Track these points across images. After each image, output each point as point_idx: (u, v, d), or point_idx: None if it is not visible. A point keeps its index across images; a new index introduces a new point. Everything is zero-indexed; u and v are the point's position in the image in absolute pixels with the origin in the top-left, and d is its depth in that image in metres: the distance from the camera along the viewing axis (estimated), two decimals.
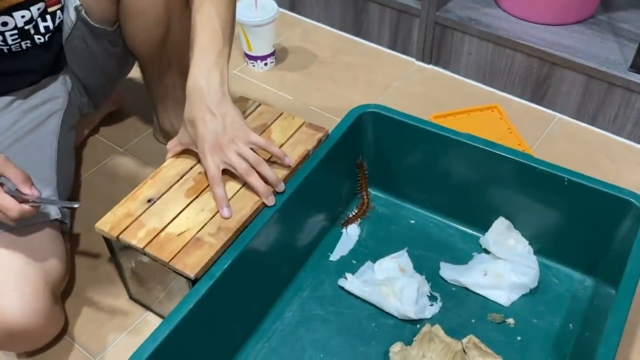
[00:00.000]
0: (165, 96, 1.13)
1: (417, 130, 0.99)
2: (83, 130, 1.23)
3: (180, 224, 0.84)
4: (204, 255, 0.80)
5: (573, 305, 0.93)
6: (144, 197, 0.88)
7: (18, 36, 0.90)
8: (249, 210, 0.86)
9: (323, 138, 0.98)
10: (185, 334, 0.76)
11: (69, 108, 1.01)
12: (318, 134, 0.98)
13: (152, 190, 0.88)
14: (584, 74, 1.22)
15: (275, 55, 1.45)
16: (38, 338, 0.86)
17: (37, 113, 0.96)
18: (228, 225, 0.84)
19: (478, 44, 1.33)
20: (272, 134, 0.98)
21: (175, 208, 0.86)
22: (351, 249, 1.02)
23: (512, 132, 1.24)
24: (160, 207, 0.86)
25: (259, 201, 0.87)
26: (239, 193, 0.88)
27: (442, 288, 0.96)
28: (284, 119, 1.00)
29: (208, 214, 0.85)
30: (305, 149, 0.95)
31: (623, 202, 0.87)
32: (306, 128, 0.99)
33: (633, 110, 1.20)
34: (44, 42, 0.93)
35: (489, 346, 0.85)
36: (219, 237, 0.82)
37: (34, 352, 0.90)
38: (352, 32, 1.53)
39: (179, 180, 0.90)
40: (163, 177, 0.90)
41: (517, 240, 0.98)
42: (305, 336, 0.90)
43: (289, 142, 0.97)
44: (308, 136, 0.98)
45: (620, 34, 1.27)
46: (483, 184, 0.98)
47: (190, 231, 0.83)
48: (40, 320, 0.81)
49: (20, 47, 0.91)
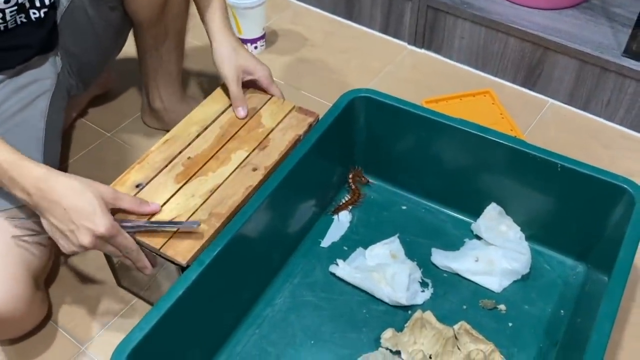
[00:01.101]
0: (159, 68, 1.12)
1: (409, 115, 0.98)
2: (71, 113, 1.21)
3: (171, 210, 0.83)
4: (196, 242, 0.79)
5: (565, 292, 0.93)
6: (132, 182, 0.86)
7: (16, 11, 0.88)
8: (241, 196, 0.85)
9: (314, 123, 0.97)
10: (174, 321, 0.75)
11: (57, 90, 0.99)
12: (309, 119, 0.97)
13: (140, 175, 0.87)
14: (577, 59, 1.21)
15: (266, 38, 1.43)
16: (19, 325, 0.85)
17: (24, 93, 0.94)
18: (219, 211, 0.83)
19: (471, 28, 1.31)
20: (261, 118, 0.97)
21: (165, 194, 0.85)
22: (342, 235, 1.01)
23: (505, 118, 1.23)
24: (149, 192, 0.85)
25: (250, 187, 0.86)
26: (229, 179, 0.87)
27: (433, 274, 0.95)
28: (274, 103, 0.99)
29: (199, 200, 0.84)
30: (296, 134, 0.94)
31: (616, 188, 0.87)
32: (296, 112, 0.98)
33: (626, 96, 1.20)
34: (38, 17, 0.91)
35: (481, 332, 0.85)
36: (211, 223, 0.81)
37: (18, 340, 0.89)
38: (344, 16, 1.52)
39: (168, 165, 0.89)
40: (151, 162, 0.89)
41: (509, 227, 0.98)
42: (296, 322, 0.89)
43: (279, 127, 0.95)
44: (299, 121, 0.96)
45: (614, 19, 1.26)
46: (475, 169, 0.98)
47: (181, 217, 0.82)
48: (21, 307, 0.80)
49: (15, 23, 0.89)
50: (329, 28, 1.50)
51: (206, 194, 0.85)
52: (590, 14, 1.28)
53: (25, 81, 0.95)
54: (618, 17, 1.27)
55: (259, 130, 0.96)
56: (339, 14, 1.52)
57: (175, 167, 0.89)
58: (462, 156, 0.98)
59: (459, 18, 1.32)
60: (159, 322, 0.73)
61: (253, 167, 0.90)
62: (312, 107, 0.98)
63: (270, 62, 1.37)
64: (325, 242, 1.00)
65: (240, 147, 0.93)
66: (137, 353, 0.70)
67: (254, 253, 0.88)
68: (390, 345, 0.85)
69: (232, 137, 0.94)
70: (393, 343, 0.85)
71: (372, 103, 1.00)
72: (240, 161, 0.91)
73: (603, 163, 1.11)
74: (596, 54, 1.18)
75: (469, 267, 0.94)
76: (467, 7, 1.29)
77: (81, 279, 0.97)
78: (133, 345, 0.70)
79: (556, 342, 0.87)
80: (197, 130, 0.95)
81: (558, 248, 0.97)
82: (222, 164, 0.88)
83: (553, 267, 0.96)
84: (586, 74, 1.22)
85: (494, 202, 0.99)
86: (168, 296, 0.75)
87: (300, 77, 1.35)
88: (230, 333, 0.88)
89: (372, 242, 0.98)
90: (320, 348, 0.87)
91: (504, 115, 1.24)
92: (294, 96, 1.29)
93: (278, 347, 0.87)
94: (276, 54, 1.42)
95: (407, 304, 0.90)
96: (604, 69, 1.19)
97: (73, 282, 0.97)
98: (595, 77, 1.21)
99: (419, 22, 1.38)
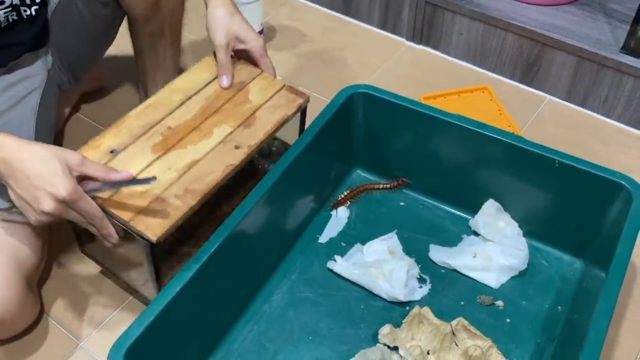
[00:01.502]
0: (156, 64, 1.11)
1: (408, 111, 0.98)
2: (63, 108, 1.21)
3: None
4: (168, 218, 0.74)
5: (562, 288, 0.93)
6: (106, 147, 0.81)
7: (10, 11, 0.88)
8: (220, 175, 0.81)
9: (303, 104, 0.93)
10: (172, 317, 0.75)
11: (47, 86, 0.99)
12: (299, 100, 0.93)
13: (116, 141, 0.82)
14: (575, 55, 1.21)
15: (264, 34, 1.43)
16: (11, 326, 0.85)
17: (14, 91, 0.93)
18: (196, 188, 0.78)
19: (469, 24, 1.31)
20: (249, 93, 0.92)
21: (141, 163, 0.80)
22: (340, 231, 1.01)
23: (502, 114, 1.23)
24: (124, 160, 0.80)
25: (231, 165, 0.82)
26: (210, 154, 0.83)
27: (431, 270, 0.95)
28: (264, 79, 0.94)
29: (175, 174, 0.79)
30: (284, 114, 0.90)
31: (614, 184, 0.87)
32: (286, 92, 0.93)
33: (623, 92, 1.20)
34: (29, 14, 0.91)
35: (478, 328, 0.85)
36: (186, 199, 0.77)
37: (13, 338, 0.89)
38: (342, 11, 1.51)
39: (146, 133, 0.83)
40: (129, 127, 0.84)
41: (506, 223, 0.98)
42: (294, 318, 0.89)
43: (267, 105, 0.90)
44: (288, 100, 0.92)
45: (611, 15, 1.26)
46: (473, 165, 0.98)
47: (155, 190, 0.76)
48: (12, 309, 0.80)
49: (7, 21, 0.89)
50: (327, 24, 1.50)
51: (183, 168, 0.80)
52: (588, 10, 1.28)
53: (15, 78, 0.94)
54: (616, 13, 1.27)
55: (245, 105, 0.91)
56: (337, 9, 1.52)
57: (154, 136, 0.83)
58: (461, 152, 0.98)
59: (457, 14, 1.31)
60: (157, 319, 0.73)
61: (236, 145, 0.85)
62: (311, 103, 0.97)
63: None
64: (323, 237, 1.00)
65: (225, 121, 0.88)
66: (135, 349, 0.70)
67: (252, 249, 0.88)
68: (388, 341, 0.85)
69: (217, 110, 0.89)
70: (391, 339, 0.85)
71: (371, 99, 1.00)
72: (223, 137, 0.86)
73: (600, 159, 1.11)
74: (594, 50, 1.18)
75: (467, 263, 0.94)
76: (466, 3, 1.29)
77: (78, 274, 0.97)
78: (131, 342, 0.70)
79: (553, 338, 0.87)
80: (181, 99, 0.90)
81: (556, 244, 0.97)
82: (204, 138, 0.84)
83: (551, 264, 0.96)
84: (584, 70, 1.22)
85: (491, 199, 0.99)
86: (165, 292, 0.74)
87: (298, 73, 1.35)
88: (228, 329, 0.88)
89: (370, 238, 0.98)
90: (318, 344, 0.87)
91: (501, 112, 1.24)
92: None
93: (276, 343, 0.87)
94: (274, 49, 1.42)
95: (405, 300, 0.90)
96: (602, 65, 1.19)
97: (70, 278, 0.97)
98: (593, 73, 1.21)
99: (417, 18, 1.38)
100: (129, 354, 0.70)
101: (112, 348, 0.70)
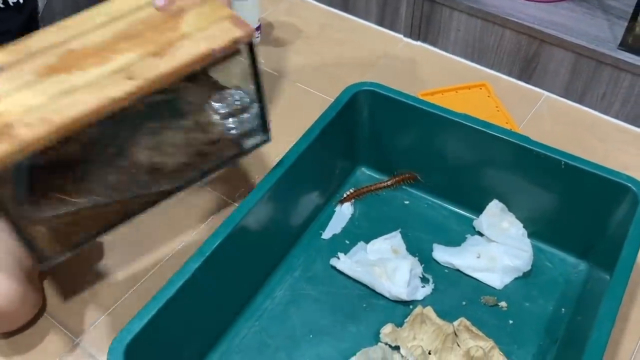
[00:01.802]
0: None
1: (413, 109, 0.97)
2: None
3: (5, 103, 0.66)
4: (8, 145, 0.63)
5: (566, 290, 0.92)
6: None
7: None
8: (90, 107, 0.66)
9: (242, 40, 0.74)
10: (173, 312, 0.75)
11: None
12: (237, 32, 0.73)
13: (6, 57, 0.71)
14: (573, 52, 1.20)
15: (261, 30, 1.42)
16: (13, 319, 0.85)
17: None
18: (54, 118, 0.66)
19: (467, 20, 1.31)
20: (182, 20, 0.76)
21: (14, 84, 0.68)
22: (343, 227, 1.01)
23: (500, 111, 1.23)
24: (2, 79, 0.69)
25: (111, 98, 0.68)
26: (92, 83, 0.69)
27: (434, 270, 0.95)
28: (209, 6, 0.77)
29: (42, 99, 0.66)
30: (209, 48, 0.72)
31: (621, 186, 0.86)
32: (229, 23, 0.75)
33: (621, 89, 1.19)
34: (16, 2, 0.90)
35: (481, 329, 0.85)
36: (35, 130, 0.63)
37: (12, 333, 0.89)
38: (339, 8, 1.51)
39: (44, 53, 0.72)
40: (29, 44, 0.73)
41: (511, 223, 0.97)
42: (296, 315, 0.89)
43: (197, 35, 0.73)
44: (223, 32, 0.73)
45: (609, 12, 1.26)
46: (478, 165, 0.97)
47: (5, 114, 0.65)
48: (14, 302, 0.80)
49: None
50: (325, 20, 1.49)
51: (56, 95, 0.68)
52: (587, 7, 1.27)
53: None
54: (614, 10, 1.26)
55: (170, 33, 0.74)
56: (335, 5, 1.51)
57: (49, 57, 0.72)
58: (466, 152, 0.97)
59: (455, 10, 1.31)
60: (158, 313, 0.72)
61: (129, 76, 0.69)
62: (308, 100, 0.96)
63: (265, 54, 1.38)
64: (327, 233, 1.00)
65: (134, 49, 0.72)
66: (135, 344, 0.70)
67: (255, 245, 0.88)
68: (390, 340, 0.85)
69: (135, 35, 0.74)
70: (392, 338, 0.85)
71: (376, 97, 0.99)
72: (121, 65, 0.70)
73: (597, 156, 1.11)
74: (592, 46, 1.17)
75: (471, 263, 0.94)
76: None
77: (76, 271, 0.97)
78: (131, 337, 0.70)
79: (556, 339, 0.87)
80: (103, 20, 0.76)
81: (560, 246, 0.97)
82: (99, 65, 0.70)
83: (555, 265, 0.96)
84: (582, 67, 1.21)
85: (496, 199, 0.98)
86: (167, 287, 0.74)
87: (295, 69, 1.34)
88: (230, 325, 0.87)
89: (374, 236, 0.98)
90: (319, 341, 0.87)
91: (499, 108, 1.23)
92: (289, 88, 1.29)
93: (277, 340, 0.86)
94: (271, 45, 1.41)
95: (408, 299, 0.90)
96: (600, 62, 1.18)
97: (67, 275, 0.96)
98: (590, 70, 1.20)
99: (415, 14, 1.37)
100: (129, 349, 0.69)
101: (113, 343, 0.70)
